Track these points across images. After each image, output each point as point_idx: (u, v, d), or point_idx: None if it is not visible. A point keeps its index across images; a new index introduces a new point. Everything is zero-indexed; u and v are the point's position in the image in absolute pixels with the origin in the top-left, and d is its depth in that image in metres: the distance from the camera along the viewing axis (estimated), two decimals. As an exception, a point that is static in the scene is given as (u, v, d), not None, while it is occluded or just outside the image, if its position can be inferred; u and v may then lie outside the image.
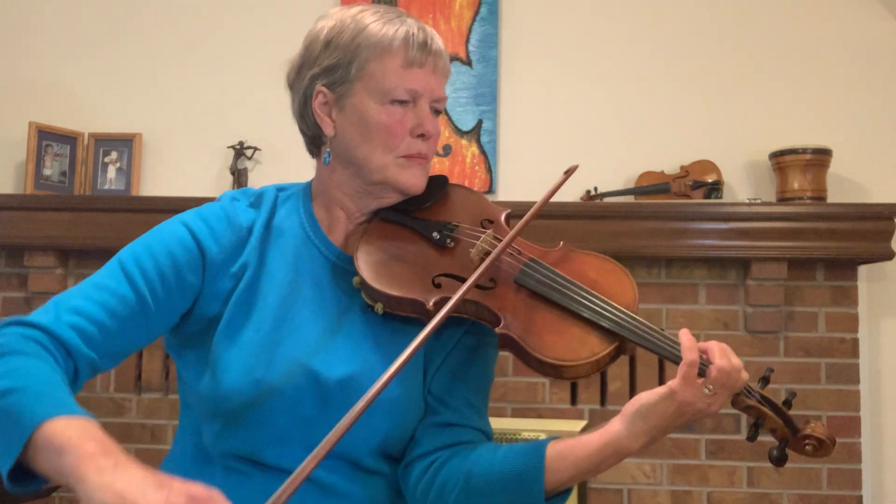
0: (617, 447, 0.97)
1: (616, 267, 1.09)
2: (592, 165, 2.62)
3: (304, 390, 1.04)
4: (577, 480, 1.00)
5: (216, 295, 1.08)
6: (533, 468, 0.98)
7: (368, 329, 1.08)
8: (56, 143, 2.72)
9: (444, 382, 1.10)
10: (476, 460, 1.03)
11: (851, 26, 2.66)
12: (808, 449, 0.99)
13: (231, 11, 2.80)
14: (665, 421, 0.95)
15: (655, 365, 2.51)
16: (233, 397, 1.02)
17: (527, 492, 0.98)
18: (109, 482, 0.75)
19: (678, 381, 0.95)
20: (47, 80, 2.83)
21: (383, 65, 1.09)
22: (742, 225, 2.42)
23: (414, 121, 1.10)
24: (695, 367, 0.94)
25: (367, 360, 1.06)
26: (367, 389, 0.97)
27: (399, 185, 1.11)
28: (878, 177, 2.61)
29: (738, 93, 2.66)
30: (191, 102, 2.78)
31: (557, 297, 1.03)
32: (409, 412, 1.08)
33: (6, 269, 2.70)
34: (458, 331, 1.12)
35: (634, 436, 0.96)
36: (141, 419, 2.61)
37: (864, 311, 2.55)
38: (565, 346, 0.99)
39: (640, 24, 2.72)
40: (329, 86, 1.11)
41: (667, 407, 0.95)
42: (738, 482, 2.47)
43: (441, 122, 2.69)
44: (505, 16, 2.75)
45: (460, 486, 1.02)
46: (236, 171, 2.68)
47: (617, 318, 1.00)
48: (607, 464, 0.98)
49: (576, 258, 1.11)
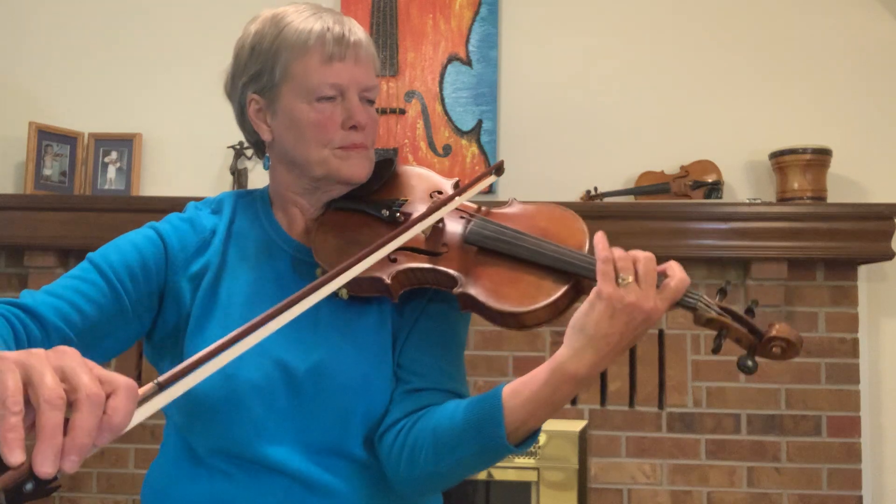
0: (564, 371, 0.94)
1: (565, 213, 1.12)
2: (592, 165, 2.62)
3: (275, 382, 1.05)
4: (538, 419, 0.97)
5: (177, 297, 1.10)
6: (492, 410, 0.97)
7: (335, 316, 1.09)
8: (56, 143, 2.72)
9: (412, 352, 1.10)
10: (440, 416, 1.02)
11: (851, 26, 2.66)
12: (775, 351, 0.97)
13: (231, 11, 2.80)
14: (603, 328, 0.93)
15: (656, 365, 2.51)
16: (209, 393, 1.03)
17: (490, 436, 0.96)
18: None
19: (598, 280, 0.94)
20: (47, 80, 2.83)
21: (304, 64, 1.09)
22: (742, 225, 2.42)
23: (344, 114, 1.11)
24: (608, 263, 0.94)
25: (335, 346, 1.07)
26: (337, 375, 1.00)
27: (341, 176, 1.12)
28: (878, 177, 2.61)
29: (738, 93, 2.66)
30: (191, 102, 2.78)
31: (507, 248, 1.06)
32: (382, 391, 1.08)
33: (6, 269, 2.70)
34: (422, 302, 1.12)
35: (577, 354, 0.94)
36: (141, 419, 2.60)
37: (864, 311, 2.55)
38: (521, 294, 1.01)
39: (640, 24, 2.72)
40: (259, 92, 1.13)
41: (598, 312, 0.93)
42: (738, 482, 2.47)
43: (441, 122, 2.69)
44: (505, 16, 2.75)
45: (428, 444, 1.01)
46: (236, 171, 2.68)
47: (567, 258, 1.02)
48: (561, 393, 0.95)
49: (525, 211, 1.14)
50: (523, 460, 2.47)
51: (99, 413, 0.60)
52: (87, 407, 0.59)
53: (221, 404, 1.03)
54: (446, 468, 1.01)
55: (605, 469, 2.50)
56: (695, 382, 2.50)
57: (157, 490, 1.12)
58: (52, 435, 0.58)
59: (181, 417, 1.09)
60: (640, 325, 0.94)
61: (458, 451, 0.99)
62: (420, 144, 2.69)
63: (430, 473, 1.02)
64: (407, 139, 2.69)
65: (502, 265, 1.05)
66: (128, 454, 2.60)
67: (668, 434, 2.50)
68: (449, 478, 1.04)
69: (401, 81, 2.71)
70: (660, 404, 2.51)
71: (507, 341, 2.53)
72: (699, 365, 2.49)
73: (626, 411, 2.51)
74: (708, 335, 2.49)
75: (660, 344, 2.52)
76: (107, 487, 2.60)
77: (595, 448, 2.50)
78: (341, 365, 1.06)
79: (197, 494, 1.06)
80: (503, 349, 2.52)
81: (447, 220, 1.13)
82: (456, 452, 0.99)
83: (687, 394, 2.50)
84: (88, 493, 2.60)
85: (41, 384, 0.59)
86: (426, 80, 2.72)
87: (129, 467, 2.60)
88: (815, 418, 2.47)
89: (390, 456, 1.05)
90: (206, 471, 1.07)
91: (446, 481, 1.05)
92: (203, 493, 1.06)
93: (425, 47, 2.73)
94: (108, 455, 2.61)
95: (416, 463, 1.02)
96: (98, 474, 2.61)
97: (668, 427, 2.50)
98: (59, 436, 0.58)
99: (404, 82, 2.72)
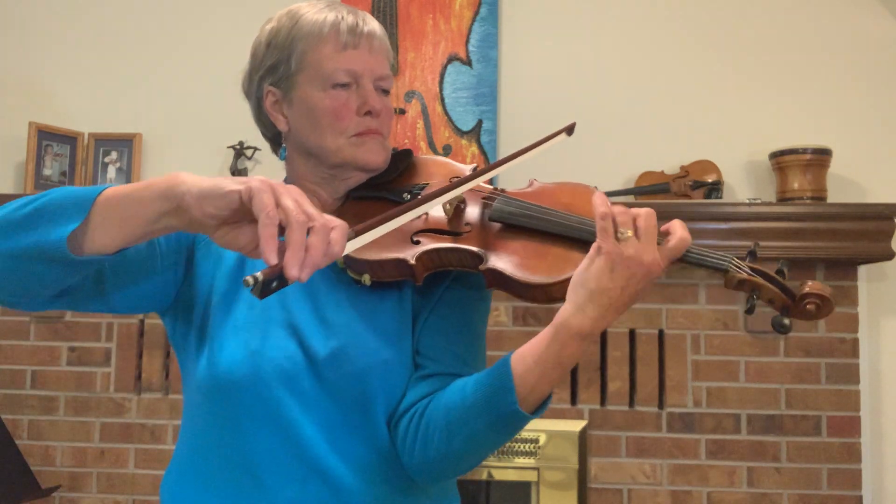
0: (568, 327, 0.93)
1: (587, 188, 1.12)
2: (592, 165, 2.62)
3: (298, 364, 1.05)
4: (548, 381, 0.96)
5: (204, 266, 1.12)
6: (502, 378, 0.96)
7: (356, 302, 1.09)
8: (56, 143, 2.72)
9: (428, 337, 1.10)
10: (451, 395, 1.02)
11: (851, 26, 2.66)
12: (810, 308, 0.95)
13: (231, 11, 2.80)
14: (603, 282, 0.92)
15: (656, 365, 2.51)
16: (233, 371, 1.03)
17: (502, 404, 0.95)
18: (199, 179, 0.82)
19: (597, 235, 0.94)
20: (47, 80, 2.83)
21: (319, 52, 1.12)
22: (742, 225, 2.42)
23: (359, 101, 1.13)
24: (607, 219, 0.94)
25: (355, 332, 1.07)
26: (357, 361, 1.01)
27: (358, 162, 1.13)
28: (878, 177, 2.61)
29: (738, 93, 2.66)
30: (191, 102, 2.78)
31: (532, 223, 1.06)
32: (402, 376, 1.08)
33: (6, 269, 2.70)
34: (441, 286, 1.12)
35: (580, 309, 0.93)
36: (141, 419, 2.61)
37: (864, 311, 2.55)
38: (549, 266, 1.01)
39: (640, 25, 2.72)
40: (275, 84, 1.16)
41: (598, 267, 0.93)
42: (738, 482, 2.47)
43: (441, 122, 2.69)
44: (505, 16, 2.75)
45: (442, 424, 1.00)
46: (236, 171, 2.68)
47: (593, 229, 1.00)
48: (569, 352, 0.94)
49: (547, 189, 1.15)
50: (523, 460, 2.47)
51: (327, 240, 0.76)
52: (321, 233, 0.75)
53: (245, 381, 1.04)
54: (460, 445, 1.00)
55: (605, 469, 2.50)
56: (695, 382, 2.50)
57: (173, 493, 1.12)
58: (299, 248, 0.74)
59: (203, 398, 1.08)
60: (641, 280, 0.93)
61: (471, 424, 0.98)
62: (420, 144, 2.69)
63: (443, 454, 1.01)
64: (407, 139, 2.69)
65: (528, 240, 1.05)
66: (128, 454, 2.60)
67: (668, 434, 2.50)
68: (464, 459, 1.02)
69: (401, 81, 2.71)
70: (660, 404, 2.51)
71: (507, 341, 2.53)
72: (699, 365, 2.49)
73: (626, 411, 2.51)
74: (708, 334, 2.49)
75: (660, 344, 2.52)
76: (107, 487, 2.60)
77: (595, 448, 2.50)
78: (361, 351, 1.06)
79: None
80: (503, 349, 2.52)
81: (468, 202, 1.12)
82: (469, 426, 0.98)
83: (687, 394, 2.50)
84: (88, 493, 2.60)
85: (292, 207, 0.76)
86: (426, 80, 2.72)
87: (129, 467, 2.60)
88: (814, 418, 2.47)
89: (405, 441, 1.04)
90: (218, 470, 1.06)
91: (462, 462, 1.03)
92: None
93: (425, 47, 2.73)
94: (108, 455, 2.61)
95: (430, 443, 1.01)
96: (98, 474, 2.61)
97: (668, 427, 2.50)
98: (303, 249, 0.74)
99: (404, 82, 2.72)
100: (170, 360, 2.63)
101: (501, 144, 2.70)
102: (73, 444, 2.62)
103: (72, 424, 2.63)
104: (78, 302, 1.01)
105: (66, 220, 0.85)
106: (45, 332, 2.66)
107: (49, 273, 0.88)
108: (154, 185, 0.84)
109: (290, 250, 0.73)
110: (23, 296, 0.94)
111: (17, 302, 0.96)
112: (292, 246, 0.74)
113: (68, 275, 0.90)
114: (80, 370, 2.64)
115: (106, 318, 2.65)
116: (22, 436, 2.63)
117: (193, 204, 0.80)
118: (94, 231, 0.86)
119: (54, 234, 0.84)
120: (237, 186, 0.79)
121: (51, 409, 2.64)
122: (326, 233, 0.75)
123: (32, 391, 2.65)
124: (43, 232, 0.85)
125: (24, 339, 2.67)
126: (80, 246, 0.86)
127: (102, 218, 0.85)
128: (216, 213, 0.80)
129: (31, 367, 2.66)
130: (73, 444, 2.62)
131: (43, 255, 0.86)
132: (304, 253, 0.74)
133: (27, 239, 0.86)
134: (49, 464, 2.62)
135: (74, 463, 2.62)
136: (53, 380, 2.65)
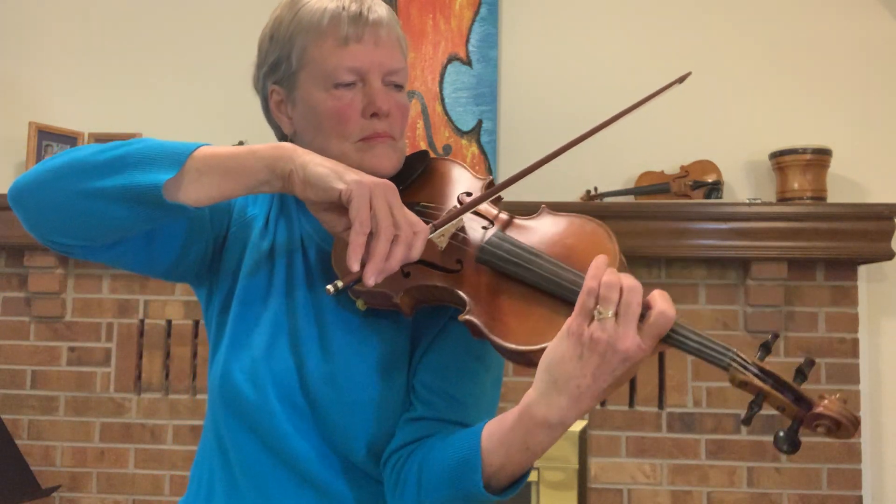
0: (532, 416, 0.83)
1: (597, 230, 0.95)
2: (592, 165, 2.62)
3: (292, 381, 1.02)
4: (516, 465, 0.87)
5: (235, 246, 1.09)
6: (469, 453, 0.88)
7: (350, 329, 1.03)
8: (56, 143, 2.72)
9: (423, 375, 1.01)
10: (427, 452, 0.94)
11: (851, 26, 2.66)
12: (819, 430, 0.79)
13: (231, 11, 2.80)
14: (569, 369, 0.80)
15: (656, 365, 2.51)
16: (237, 378, 1.02)
17: (467, 482, 0.87)
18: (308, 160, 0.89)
19: (575, 308, 0.82)
20: (47, 80, 2.83)
21: (319, 48, 1.01)
22: (742, 225, 2.42)
23: (364, 101, 1.01)
24: (591, 295, 0.81)
25: (348, 361, 1.01)
26: (346, 393, 0.99)
27: (364, 169, 0.96)
28: (878, 177, 2.61)
29: (738, 93, 2.66)
30: (191, 102, 2.78)
31: (520, 274, 0.91)
32: (389, 415, 1.00)
33: (6, 269, 2.70)
34: (442, 318, 1.02)
35: (545, 397, 0.82)
36: (141, 419, 2.61)
37: (864, 311, 2.55)
38: (530, 329, 0.88)
39: (640, 24, 2.72)
40: (279, 82, 1.07)
41: (564, 351, 0.81)
42: (738, 482, 2.47)
43: (441, 122, 2.69)
44: (505, 16, 2.75)
45: (414, 482, 0.93)
46: (236, 171, 2.68)
47: None
48: (536, 439, 0.84)
49: (553, 224, 0.99)
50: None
51: (408, 251, 0.84)
52: (404, 245, 0.84)
53: (246, 390, 1.01)
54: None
55: (605, 469, 2.50)
56: (695, 382, 2.50)
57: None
58: (381, 259, 0.83)
59: (223, 407, 1.05)
60: (618, 366, 0.80)
61: (441, 491, 0.91)
62: (420, 144, 2.69)
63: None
64: (407, 139, 2.69)
65: (514, 292, 0.92)
66: (128, 454, 2.60)
67: (667, 434, 2.50)
68: None
69: (401, 81, 2.71)
70: (660, 404, 2.51)
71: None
72: (699, 365, 2.49)
73: (625, 411, 2.51)
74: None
75: (660, 344, 2.52)
76: (107, 487, 2.60)
77: (595, 448, 2.50)
78: (350, 383, 1.00)
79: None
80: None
81: (468, 229, 0.99)
82: (438, 492, 0.92)
83: (687, 394, 2.50)
84: (88, 493, 2.60)
85: (383, 218, 0.84)
86: (426, 80, 2.72)
87: (129, 467, 2.60)
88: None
89: (388, 484, 0.99)
90: (236, 467, 1.05)
91: None
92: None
93: (425, 47, 2.73)
94: (108, 455, 2.61)
95: (406, 495, 0.95)
96: (98, 474, 2.61)
97: (668, 427, 2.50)
98: (384, 260, 0.83)
99: (404, 82, 2.72)
100: (170, 360, 2.63)
101: (501, 144, 2.70)
102: (73, 444, 2.62)
103: (72, 424, 2.63)
104: (126, 255, 0.99)
105: (158, 170, 0.87)
106: (45, 332, 2.66)
107: (128, 216, 0.89)
108: (260, 154, 0.89)
109: (373, 261, 0.82)
110: (83, 238, 0.93)
111: (72, 246, 0.95)
112: (375, 257, 0.82)
113: (149, 219, 0.91)
114: (80, 370, 2.64)
115: (106, 317, 2.65)
116: (22, 436, 2.63)
117: (298, 185, 0.88)
118: (189, 185, 0.88)
119: (147, 179, 0.86)
120: (340, 185, 0.85)
121: (51, 409, 2.64)
122: (409, 243, 0.84)
123: (32, 391, 2.65)
124: (132, 176, 0.87)
125: (24, 339, 2.67)
126: (170, 195, 0.88)
127: (199, 174, 0.89)
128: (316, 200, 0.88)
129: (31, 367, 2.66)
130: (73, 444, 2.62)
131: (131, 197, 0.87)
132: (385, 263, 0.82)
133: (114, 181, 0.87)
134: (49, 464, 2.62)
135: (74, 463, 2.62)
136: (53, 380, 2.65)
